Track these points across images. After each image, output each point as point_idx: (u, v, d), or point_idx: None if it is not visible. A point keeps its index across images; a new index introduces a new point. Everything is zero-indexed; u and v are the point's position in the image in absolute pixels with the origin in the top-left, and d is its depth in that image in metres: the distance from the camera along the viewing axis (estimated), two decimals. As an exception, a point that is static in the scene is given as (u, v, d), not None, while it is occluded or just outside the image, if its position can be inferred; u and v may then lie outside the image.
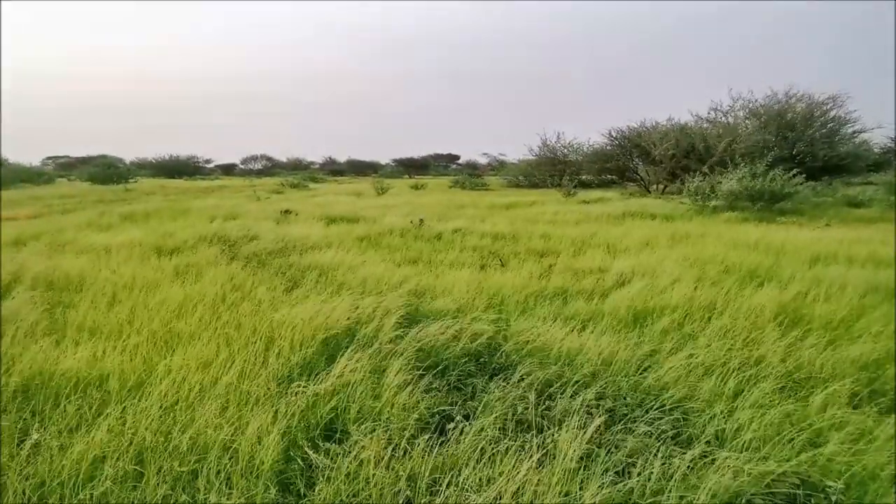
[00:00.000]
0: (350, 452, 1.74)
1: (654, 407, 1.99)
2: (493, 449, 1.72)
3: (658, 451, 1.73)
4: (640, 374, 2.30)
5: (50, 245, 6.27)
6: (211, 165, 53.99)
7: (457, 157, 56.15)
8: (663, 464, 1.64)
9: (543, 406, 1.99)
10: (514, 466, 1.63)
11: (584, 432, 1.73)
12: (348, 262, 4.92)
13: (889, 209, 11.18)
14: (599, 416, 1.86)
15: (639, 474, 1.61)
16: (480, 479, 1.61)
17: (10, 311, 3.19)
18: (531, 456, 1.64)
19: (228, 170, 55.75)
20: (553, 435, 1.79)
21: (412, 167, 46.36)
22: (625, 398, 2.06)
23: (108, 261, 5.11)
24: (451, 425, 1.86)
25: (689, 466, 1.63)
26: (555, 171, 24.86)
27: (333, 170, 51.48)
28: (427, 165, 49.28)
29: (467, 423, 1.84)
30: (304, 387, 2.10)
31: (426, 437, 1.82)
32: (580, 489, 1.57)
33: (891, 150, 20.10)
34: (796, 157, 15.71)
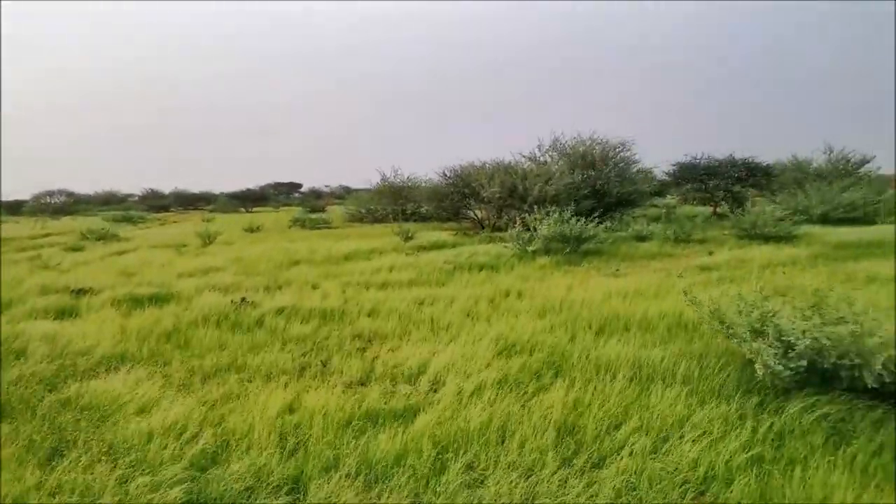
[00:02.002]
0: None
1: None
2: None
3: None
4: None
5: None
6: (-13, 205, 44.47)
7: (298, 186, 54.24)
8: None
9: None
10: None
11: None
12: (139, 396, 4.28)
13: (665, 243, 13.51)
14: None
15: None
16: None
17: None
18: None
19: (15, 209, 46.44)
20: None
21: (248, 200, 43.39)
22: None
23: None
24: None
25: None
26: (396, 204, 25.39)
27: (156, 205, 45.86)
28: (266, 197, 46.55)
29: None
30: None
31: None
32: None
33: (666, 183, 24.64)
34: (598, 193, 18.22)
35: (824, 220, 17.82)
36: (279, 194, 51.63)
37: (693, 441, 3.28)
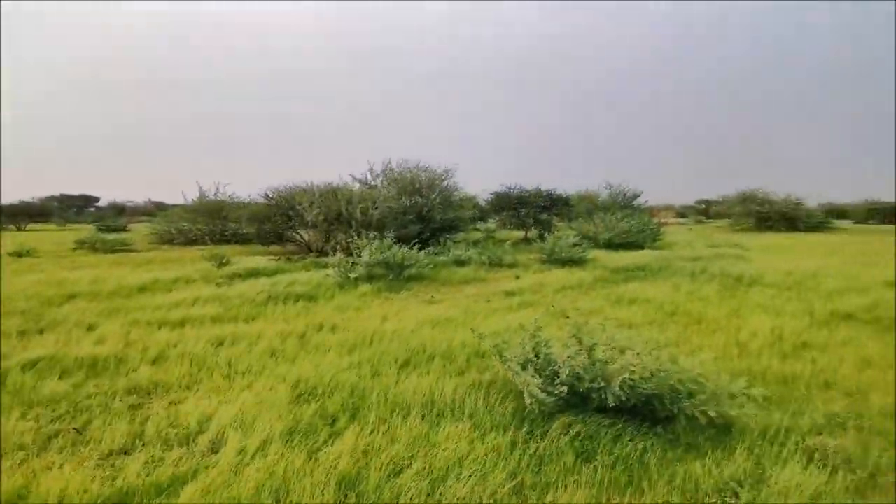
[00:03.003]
0: None
1: None
2: None
3: None
4: None
5: None
6: None
7: (95, 199, 46.17)
8: None
9: None
10: None
11: None
12: None
13: (480, 267, 14.56)
14: None
15: None
16: None
17: None
18: None
19: None
20: None
21: (23, 215, 35.28)
22: None
23: None
24: None
25: None
26: (214, 224, 23.23)
27: None
28: (49, 212, 38.25)
29: None
30: None
31: None
32: None
33: (486, 209, 26.92)
34: (423, 218, 18.98)
35: (608, 245, 21.16)
36: (67, 209, 43.01)
37: (468, 478, 3.46)
